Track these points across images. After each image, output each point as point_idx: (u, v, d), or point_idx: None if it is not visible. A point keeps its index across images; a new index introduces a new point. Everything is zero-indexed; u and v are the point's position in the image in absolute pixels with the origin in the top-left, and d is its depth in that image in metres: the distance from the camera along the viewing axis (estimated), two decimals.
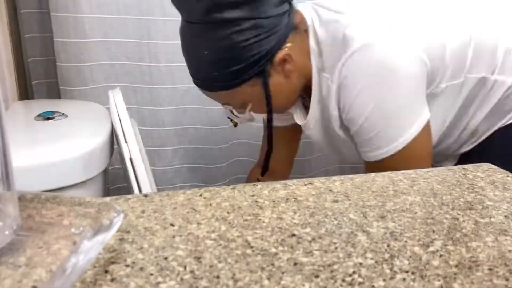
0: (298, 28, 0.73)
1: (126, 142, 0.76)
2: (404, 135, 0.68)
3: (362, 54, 0.67)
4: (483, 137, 0.82)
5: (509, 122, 0.80)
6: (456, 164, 0.87)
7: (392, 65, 0.66)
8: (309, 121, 0.82)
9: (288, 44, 0.71)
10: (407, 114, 0.69)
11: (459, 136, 0.82)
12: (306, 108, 0.83)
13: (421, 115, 0.69)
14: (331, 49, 0.71)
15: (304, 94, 0.81)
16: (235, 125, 0.91)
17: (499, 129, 0.80)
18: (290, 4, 0.74)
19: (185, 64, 1.22)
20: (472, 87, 0.76)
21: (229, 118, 0.88)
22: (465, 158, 0.86)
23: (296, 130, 0.98)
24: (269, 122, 0.79)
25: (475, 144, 0.84)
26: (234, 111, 0.80)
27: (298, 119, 0.85)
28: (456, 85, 0.75)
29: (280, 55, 0.71)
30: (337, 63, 0.69)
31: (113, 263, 0.33)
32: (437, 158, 0.90)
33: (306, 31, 0.74)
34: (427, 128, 0.70)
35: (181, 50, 0.76)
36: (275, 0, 0.69)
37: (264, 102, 0.75)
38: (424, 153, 0.72)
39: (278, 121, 0.96)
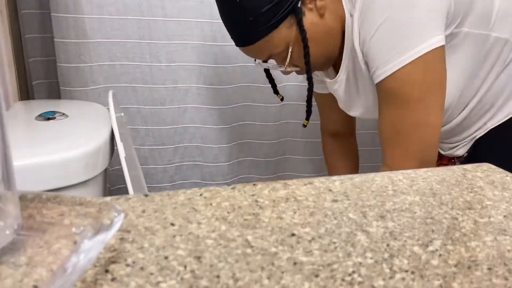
0: None
1: (121, 141, 0.77)
2: (413, 50, 0.66)
3: None
4: (499, 120, 0.80)
5: None
6: (469, 150, 0.86)
7: None
8: (341, 72, 0.81)
9: None
10: (418, 29, 0.66)
11: (476, 106, 0.80)
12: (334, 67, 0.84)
13: (432, 37, 0.66)
14: None
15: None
16: (282, 99, 0.95)
17: None
18: None
19: (185, 63, 1.22)
20: (493, 47, 0.74)
21: (275, 93, 0.92)
22: (479, 144, 0.84)
23: None
24: (306, 63, 0.78)
25: (489, 127, 0.82)
26: (277, 65, 0.81)
27: (328, 76, 0.86)
28: (478, 36, 0.73)
29: None
30: None
31: (113, 262, 0.33)
32: (451, 140, 0.88)
33: None
34: (437, 54, 0.67)
35: (221, 19, 0.80)
36: None
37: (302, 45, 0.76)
38: (433, 78, 0.68)
39: (319, 88, 0.99)
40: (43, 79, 1.19)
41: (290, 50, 0.77)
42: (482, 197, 0.45)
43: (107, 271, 0.32)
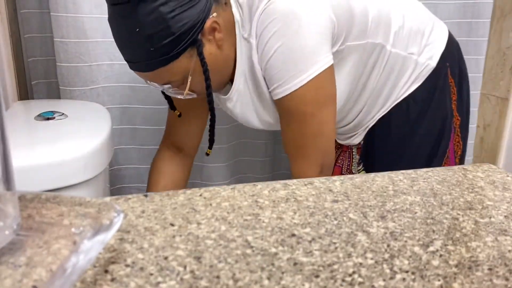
0: (218, 0, 0.78)
1: None
2: (306, 73, 0.75)
3: (271, 7, 0.74)
4: (384, 110, 0.91)
5: (404, 95, 0.89)
6: (364, 137, 0.96)
7: (297, 13, 0.74)
8: (233, 93, 0.87)
9: (214, 14, 0.77)
10: (309, 55, 0.75)
11: (366, 104, 0.91)
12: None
13: (321, 60, 0.75)
14: (249, 12, 0.78)
15: None
16: (179, 115, 0.96)
17: (396, 104, 0.90)
18: None
19: None
20: (371, 51, 0.84)
21: (172, 109, 0.94)
22: (371, 131, 0.94)
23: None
24: (208, 94, 0.81)
25: (378, 117, 0.92)
26: (173, 90, 0.82)
27: (222, 93, 0.90)
28: (359, 46, 0.82)
29: (208, 23, 0.76)
30: (253, 20, 0.77)
31: (113, 263, 0.33)
32: (348, 132, 0.99)
33: (226, 3, 0.80)
34: (327, 73, 0.77)
35: (114, 40, 0.78)
36: None
37: (202, 74, 0.79)
38: (324, 95, 0.79)
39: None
40: (42, 79, 1.19)
41: (189, 80, 0.78)
42: (483, 197, 0.45)
43: (106, 271, 0.32)
